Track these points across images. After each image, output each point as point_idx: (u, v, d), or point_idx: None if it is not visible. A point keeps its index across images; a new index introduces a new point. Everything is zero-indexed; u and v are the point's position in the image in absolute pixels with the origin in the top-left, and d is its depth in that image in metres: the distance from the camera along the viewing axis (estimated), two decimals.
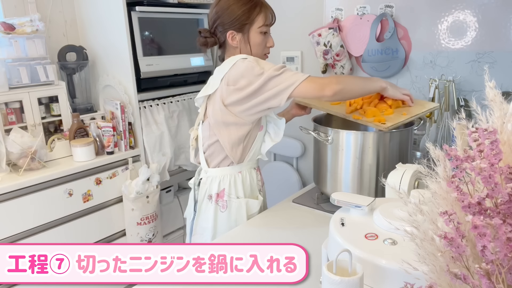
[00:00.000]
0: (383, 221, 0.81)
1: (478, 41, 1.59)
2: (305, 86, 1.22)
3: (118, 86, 2.00)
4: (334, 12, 1.95)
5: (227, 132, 1.32)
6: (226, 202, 1.38)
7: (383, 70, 1.83)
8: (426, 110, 1.41)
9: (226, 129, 1.32)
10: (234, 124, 1.30)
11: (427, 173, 0.58)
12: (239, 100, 1.26)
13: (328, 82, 1.22)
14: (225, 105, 1.29)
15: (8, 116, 1.79)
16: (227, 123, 1.31)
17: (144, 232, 2.00)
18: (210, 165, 1.40)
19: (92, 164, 1.85)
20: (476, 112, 0.56)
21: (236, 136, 1.32)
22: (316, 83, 1.22)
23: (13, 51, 1.78)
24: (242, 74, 1.24)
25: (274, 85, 1.22)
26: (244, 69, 1.24)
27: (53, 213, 1.75)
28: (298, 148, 2.29)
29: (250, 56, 1.30)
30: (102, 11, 2.00)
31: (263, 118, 1.37)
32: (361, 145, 1.32)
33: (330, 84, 1.21)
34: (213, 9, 1.33)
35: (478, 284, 0.49)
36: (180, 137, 2.24)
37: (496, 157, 0.49)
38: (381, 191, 1.32)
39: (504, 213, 0.48)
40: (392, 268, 0.70)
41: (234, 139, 1.33)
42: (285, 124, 1.39)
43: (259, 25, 1.31)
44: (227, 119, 1.30)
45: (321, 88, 1.21)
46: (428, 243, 0.55)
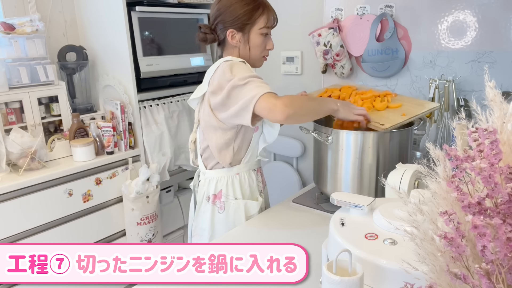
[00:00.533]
0: (383, 221, 0.81)
1: (478, 41, 1.59)
2: (260, 104, 1.15)
3: (118, 86, 2.00)
4: (334, 12, 1.95)
5: (214, 136, 1.32)
6: (223, 204, 1.38)
7: (383, 70, 1.83)
8: (426, 110, 1.41)
9: (214, 133, 1.32)
10: (219, 128, 1.30)
11: (427, 173, 0.58)
12: (216, 107, 1.26)
13: (281, 104, 1.14)
14: (211, 109, 1.29)
15: (8, 116, 1.79)
16: (214, 126, 1.31)
17: (144, 232, 2.00)
18: (207, 167, 1.41)
19: (92, 164, 1.85)
20: (476, 112, 0.56)
21: (222, 140, 1.31)
22: (269, 102, 1.14)
23: (13, 51, 1.78)
24: (217, 78, 1.24)
25: (238, 97, 1.19)
26: (219, 73, 1.24)
27: (53, 213, 1.75)
28: (298, 148, 2.29)
29: (234, 58, 1.29)
30: (102, 11, 2.00)
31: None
32: (361, 145, 1.32)
33: (282, 107, 1.13)
34: (215, 5, 1.32)
35: (478, 284, 0.49)
36: (180, 137, 2.24)
37: (496, 157, 0.49)
38: (381, 191, 1.32)
39: (504, 213, 0.48)
40: (392, 268, 0.70)
41: (221, 144, 1.32)
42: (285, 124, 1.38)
43: (260, 27, 1.31)
44: (213, 122, 1.30)
45: (271, 109, 1.14)
46: (428, 243, 0.55)
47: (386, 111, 1.41)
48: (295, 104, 1.18)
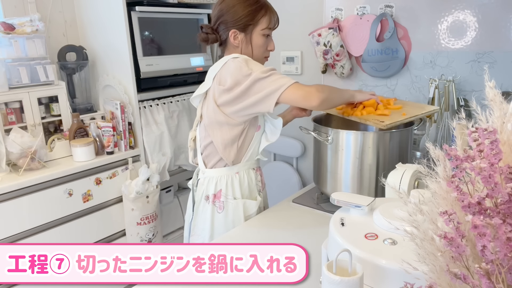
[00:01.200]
0: (383, 221, 0.81)
1: (478, 41, 1.59)
2: (292, 92, 1.20)
3: (118, 86, 2.00)
4: (334, 12, 1.95)
5: (220, 133, 1.32)
6: (223, 203, 1.38)
7: (383, 70, 1.83)
8: (426, 112, 1.41)
9: (219, 129, 1.32)
10: (226, 124, 1.30)
11: (427, 173, 0.58)
12: (228, 101, 1.26)
13: (314, 91, 1.21)
14: (218, 105, 1.29)
15: (8, 116, 1.79)
16: (220, 122, 1.31)
17: (144, 232, 2.00)
18: (207, 166, 1.41)
19: (92, 164, 1.85)
20: (476, 112, 0.56)
21: (229, 136, 1.32)
22: (303, 90, 1.21)
23: (13, 51, 1.78)
24: (231, 74, 1.24)
25: (260, 88, 1.21)
26: (234, 68, 1.24)
27: (53, 213, 1.75)
28: (298, 148, 2.29)
29: (242, 55, 1.29)
30: (102, 11, 2.00)
31: (260, 117, 1.36)
32: (361, 145, 1.32)
33: (316, 93, 1.20)
34: (218, 5, 1.33)
35: (478, 284, 0.49)
36: (180, 137, 2.24)
37: (496, 157, 0.49)
38: (381, 191, 1.32)
39: (504, 213, 0.48)
40: (392, 268, 0.70)
41: (227, 140, 1.32)
42: (286, 124, 1.39)
43: (262, 28, 1.32)
44: (220, 118, 1.30)
45: (307, 96, 1.20)
46: (428, 243, 0.55)
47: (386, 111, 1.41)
48: (326, 90, 1.25)
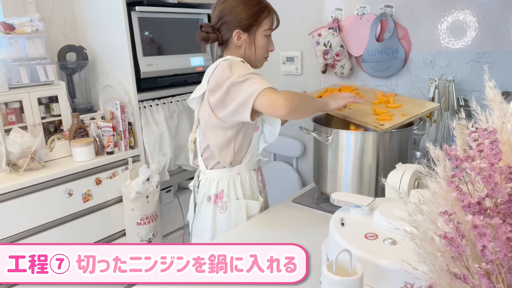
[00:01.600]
0: (383, 221, 0.81)
1: (478, 41, 1.59)
2: (260, 99, 1.15)
3: (118, 86, 2.00)
4: (334, 12, 1.95)
5: (214, 136, 1.32)
6: (225, 204, 1.38)
7: (383, 70, 1.83)
8: (426, 110, 1.41)
9: (214, 132, 1.32)
10: (219, 127, 1.30)
11: (427, 173, 0.58)
12: (215, 104, 1.26)
13: (282, 98, 1.13)
14: (211, 108, 1.29)
15: (8, 116, 1.79)
16: (214, 125, 1.31)
17: (144, 232, 2.00)
18: (208, 167, 1.41)
19: (92, 164, 1.85)
20: (476, 112, 0.56)
21: (222, 139, 1.31)
22: (269, 97, 1.14)
23: (13, 51, 1.78)
24: (215, 76, 1.25)
25: (237, 93, 1.19)
26: (217, 71, 1.25)
27: (53, 213, 1.75)
28: (298, 148, 2.29)
29: (233, 57, 1.30)
30: (102, 11, 2.00)
31: (259, 118, 1.36)
32: (361, 145, 1.32)
33: (283, 101, 1.13)
34: (219, 6, 1.32)
35: (478, 284, 0.49)
36: (180, 137, 2.24)
37: (496, 157, 0.49)
38: (381, 191, 1.32)
39: (504, 213, 0.48)
40: (392, 268, 0.70)
41: (221, 143, 1.32)
42: (286, 124, 1.39)
43: (265, 28, 1.32)
44: (213, 121, 1.30)
45: (273, 104, 1.14)
46: (428, 243, 0.55)
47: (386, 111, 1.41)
48: (295, 98, 1.17)
